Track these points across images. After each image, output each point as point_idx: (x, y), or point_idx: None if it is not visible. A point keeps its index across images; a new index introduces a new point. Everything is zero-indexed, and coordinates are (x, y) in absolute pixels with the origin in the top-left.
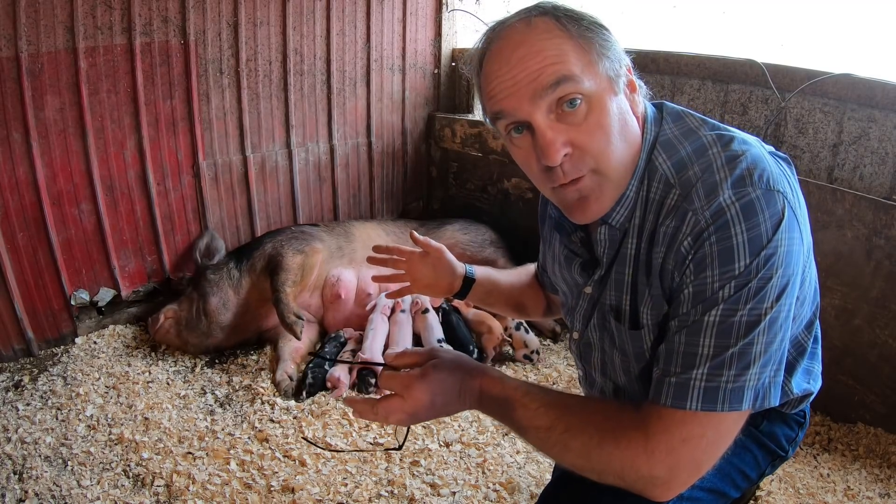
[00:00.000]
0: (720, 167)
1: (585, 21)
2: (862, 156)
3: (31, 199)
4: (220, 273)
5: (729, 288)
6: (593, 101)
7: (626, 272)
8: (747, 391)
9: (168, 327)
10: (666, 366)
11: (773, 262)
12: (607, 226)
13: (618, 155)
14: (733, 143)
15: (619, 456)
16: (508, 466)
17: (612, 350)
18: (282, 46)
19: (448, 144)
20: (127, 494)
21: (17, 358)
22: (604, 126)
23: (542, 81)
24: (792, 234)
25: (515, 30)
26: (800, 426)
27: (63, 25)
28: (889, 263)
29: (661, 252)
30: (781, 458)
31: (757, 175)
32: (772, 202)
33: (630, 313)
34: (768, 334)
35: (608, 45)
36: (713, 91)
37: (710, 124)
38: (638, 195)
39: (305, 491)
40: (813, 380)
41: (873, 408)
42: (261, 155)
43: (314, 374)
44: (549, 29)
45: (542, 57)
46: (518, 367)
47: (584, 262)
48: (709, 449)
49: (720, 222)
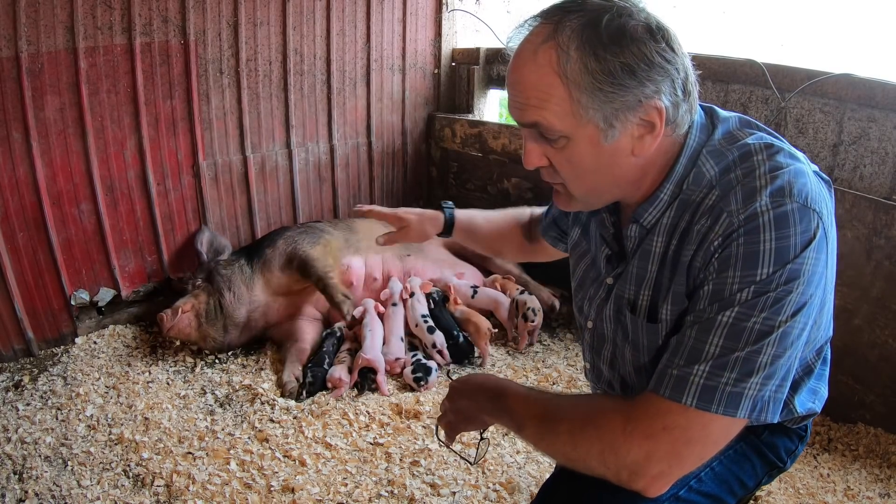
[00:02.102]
0: (762, 174)
1: (604, 59)
2: (862, 156)
3: (31, 199)
4: (232, 269)
5: (748, 292)
6: (571, 143)
7: (648, 268)
8: (745, 399)
9: (188, 321)
10: (671, 357)
11: (797, 277)
12: (638, 225)
13: (588, 187)
14: (779, 155)
15: (599, 437)
16: (508, 466)
17: (623, 344)
18: (282, 46)
19: (448, 144)
20: (127, 494)
21: (17, 358)
22: (575, 164)
23: (521, 117)
24: (819, 256)
25: (523, 50)
26: (800, 440)
27: (63, 25)
28: (889, 263)
29: (692, 250)
30: (779, 470)
31: (797, 189)
32: (806, 219)
33: (648, 308)
34: (777, 347)
35: (613, 96)
36: (713, 91)
37: (759, 134)
38: (674, 198)
39: (305, 491)
40: (818, 400)
41: (873, 408)
42: (261, 155)
43: (314, 374)
44: (549, 63)
45: (528, 96)
46: (518, 357)
47: (611, 255)
48: (691, 445)
49: (751, 226)
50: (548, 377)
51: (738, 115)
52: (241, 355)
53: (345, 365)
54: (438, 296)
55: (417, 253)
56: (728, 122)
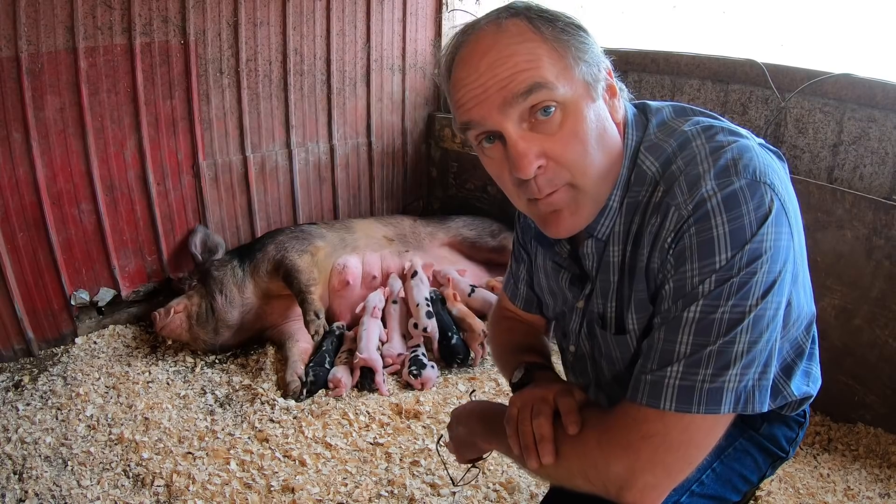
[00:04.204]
0: (703, 158)
1: (561, 22)
2: (862, 156)
3: (31, 199)
4: (224, 270)
5: (709, 283)
6: (568, 109)
7: (610, 279)
8: (727, 393)
9: (180, 322)
10: (644, 362)
11: (758, 256)
12: (593, 239)
13: (595, 166)
14: (719, 135)
15: (577, 454)
16: (508, 466)
17: (600, 359)
18: (282, 46)
19: (448, 144)
20: (127, 494)
21: (17, 358)
22: (580, 135)
23: (513, 89)
24: (780, 229)
25: (485, 33)
26: (800, 426)
27: (63, 25)
28: (889, 263)
29: (646, 253)
30: (782, 459)
31: (742, 165)
32: (757, 194)
33: (615, 319)
34: (752, 333)
35: (585, 48)
36: (713, 91)
37: (695, 119)
38: (622, 203)
39: (305, 491)
40: (812, 382)
41: (873, 408)
42: (261, 155)
43: (315, 373)
44: (521, 32)
45: (513, 63)
46: None
47: (574, 277)
48: (674, 451)
49: (700, 213)
50: None
51: (672, 103)
52: (240, 355)
53: (347, 366)
54: (436, 296)
55: (417, 249)
56: (661, 112)
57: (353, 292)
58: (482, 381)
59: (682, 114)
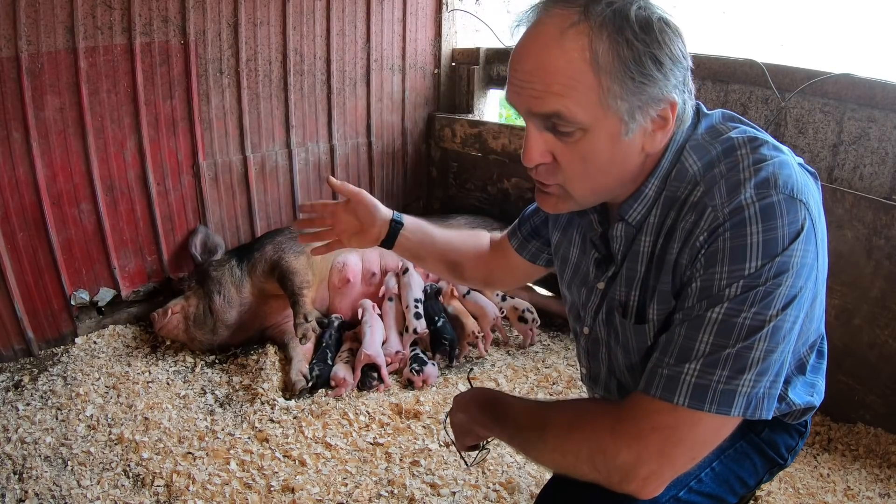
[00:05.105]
0: (746, 167)
1: (635, 51)
2: (862, 156)
3: (31, 199)
4: (223, 270)
5: (736, 287)
6: (588, 136)
7: (637, 268)
8: (739, 397)
9: (177, 322)
10: (661, 356)
11: (786, 270)
12: (624, 223)
13: (592, 186)
14: (763, 147)
15: (587, 440)
16: (508, 466)
17: (616, 346)
18: (282, 46)
19: (448, 144)
20: (127, 494)
21: (17, 358)
22: (588, 159)
23: (538, 106)
24: (808, 247)
25: (544, 33)
26: (800, 436)
27: (63, 25)
28: (889, 263)
29: (677, 248)
30: (780, 467)
31: (783, 180)
32: (793, 210)
33: (637, 308)
34: (769, 342)
35: (641, 89)
36: (713, 91)
37: (742, 128)
38: (659, 194)
39: (305, 491)
40: (816, 393)
41: (873, 408)
42: (261, 155)
43: (321, 368)
44: (579, 49)
45: (550, 81)
46: (518, 358)
47: (599, 259)
48: (681, 445)
49: (737, 219)
50: (548, 377)
51: (722, 110)
52: (240, 355)
53: (349, 365)
54: (431, 289)
55: None
56: (711, 117)
57: (353, 289)
58: (482, 381)
59: (730, 120)
